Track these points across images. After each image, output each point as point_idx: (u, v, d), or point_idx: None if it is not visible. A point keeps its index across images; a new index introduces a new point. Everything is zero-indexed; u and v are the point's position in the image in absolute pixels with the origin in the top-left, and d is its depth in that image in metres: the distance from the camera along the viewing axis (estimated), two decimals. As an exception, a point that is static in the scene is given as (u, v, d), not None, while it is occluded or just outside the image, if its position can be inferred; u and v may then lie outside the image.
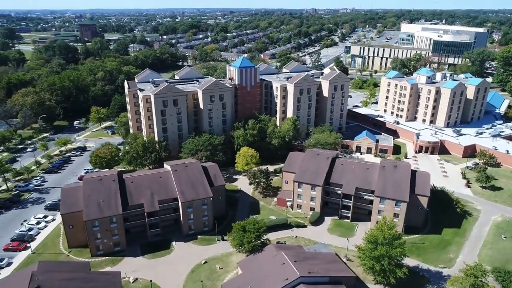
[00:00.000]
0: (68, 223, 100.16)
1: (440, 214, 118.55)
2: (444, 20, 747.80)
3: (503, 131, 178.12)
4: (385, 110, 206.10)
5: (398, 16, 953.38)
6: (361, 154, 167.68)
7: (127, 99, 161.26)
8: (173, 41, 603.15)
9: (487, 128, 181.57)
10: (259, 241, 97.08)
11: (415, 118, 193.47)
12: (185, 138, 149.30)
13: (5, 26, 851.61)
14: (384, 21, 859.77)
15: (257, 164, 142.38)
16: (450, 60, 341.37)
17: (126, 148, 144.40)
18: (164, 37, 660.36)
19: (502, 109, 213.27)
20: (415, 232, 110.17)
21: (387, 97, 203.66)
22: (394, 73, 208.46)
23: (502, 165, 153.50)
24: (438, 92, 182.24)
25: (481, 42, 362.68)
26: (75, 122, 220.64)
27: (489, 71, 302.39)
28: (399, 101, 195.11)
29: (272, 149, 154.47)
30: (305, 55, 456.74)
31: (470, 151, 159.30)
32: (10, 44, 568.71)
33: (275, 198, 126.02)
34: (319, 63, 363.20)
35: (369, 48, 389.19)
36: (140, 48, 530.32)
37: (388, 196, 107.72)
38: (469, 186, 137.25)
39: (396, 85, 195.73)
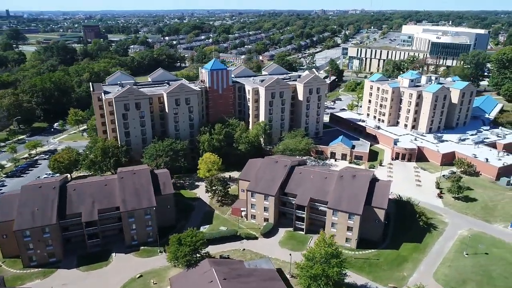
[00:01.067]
0: (1, 233, 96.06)
1: (402, 227, 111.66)
2: (450, 21, 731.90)
3: (487, 138, 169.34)
4: (368, 114, 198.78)
5: (405, 17, 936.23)
6: (335, 160, 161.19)
7: (93, 102, 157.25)
8: (174, 42, 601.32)
9: (472, 135, 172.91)
10: (198, 255, 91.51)
11: (397, 123, 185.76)
12: (149, 142, 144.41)
13: (14, 27, 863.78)
14: (390, 22, 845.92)
15: (221, 170, 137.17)
16: (449, 62, 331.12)
17: (86, 152, 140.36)
18: (166, 38, 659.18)
19: (493, 114, 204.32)
20: (371, 247, 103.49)
21: (369, 101, 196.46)
22: (378, 75, 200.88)
23: (481, 174, 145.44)
24: (420, 96, 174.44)
25: (482, 43, 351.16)
26: (54, 124, 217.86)
27: (487, 74, 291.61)
28: (381, 105, 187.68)
29: (240, 154, 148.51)
30: (303, 57, 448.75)
31: (447, 159, 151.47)
32: (14, 45, 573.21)
33: (231, 207, 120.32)
34: (313, 65, 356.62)
35: (366, 50, 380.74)
36: (141, 49, 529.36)
37: (341, 208, 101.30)
38: (441, 197, 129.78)
39: (378, 88, 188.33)
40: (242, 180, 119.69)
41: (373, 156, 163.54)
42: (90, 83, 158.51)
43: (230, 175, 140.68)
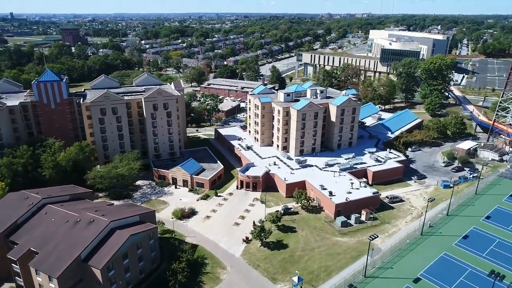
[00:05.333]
0: None
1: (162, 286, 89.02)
2: (440, 26, 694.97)
3: (361, 163, 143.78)
4: (249, 132, 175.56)
5: (399, 21, 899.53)
6: (176, 187, 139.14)
7: None
8: (147, 46, 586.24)
9: (347, 159, 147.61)
10: None
11: (272, 143, 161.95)
12: None
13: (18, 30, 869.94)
14: (382, 26, 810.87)
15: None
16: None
17: None
18: (142, 41, 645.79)
19: (398, 132, 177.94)
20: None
21: (250, 117, 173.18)
22: (261, 88, 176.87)
23: (324, 211, 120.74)
24: (288, 114, 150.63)
25: (440, 50, 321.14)
26: None
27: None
28: (255, 122, 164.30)
29: (48, 181, 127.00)
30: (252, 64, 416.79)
31: (294, 190, 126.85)
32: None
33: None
34: (258, 73, 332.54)
35: (319, 56, 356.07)
36: (109, 53, 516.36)
37: (41, 267, 78.91)
38: (247, 242, 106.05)
39: (253, 102, 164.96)
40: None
41: (226, 182, 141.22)
42: None
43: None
